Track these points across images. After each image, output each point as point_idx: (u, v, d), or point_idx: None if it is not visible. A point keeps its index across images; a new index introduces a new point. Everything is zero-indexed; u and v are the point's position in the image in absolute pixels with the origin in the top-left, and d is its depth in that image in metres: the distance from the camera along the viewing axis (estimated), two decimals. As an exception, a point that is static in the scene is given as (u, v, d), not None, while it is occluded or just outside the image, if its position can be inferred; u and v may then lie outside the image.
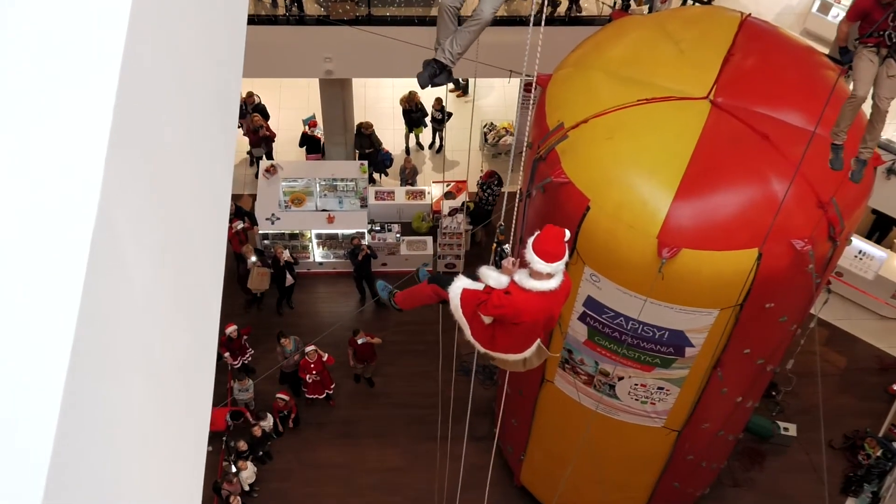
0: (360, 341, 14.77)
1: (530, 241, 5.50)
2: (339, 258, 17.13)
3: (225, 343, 14.77)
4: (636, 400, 10.55)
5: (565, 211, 9.08)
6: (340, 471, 14.63)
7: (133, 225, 2.21)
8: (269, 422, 14.57)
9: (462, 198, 17.14)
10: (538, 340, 6.06)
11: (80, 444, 1.86)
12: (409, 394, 15.57)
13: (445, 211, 16.88)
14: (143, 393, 2.40)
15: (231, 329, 14.74)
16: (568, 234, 5.58)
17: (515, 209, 6.87)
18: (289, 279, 16.04)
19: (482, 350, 6.16)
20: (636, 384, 10.32)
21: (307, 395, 15.07)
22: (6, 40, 1.93)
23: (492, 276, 5.66)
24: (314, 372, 14.61)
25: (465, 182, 17.33)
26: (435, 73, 7.61)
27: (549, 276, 5.50)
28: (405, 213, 17.48)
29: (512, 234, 6.31)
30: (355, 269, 16.23)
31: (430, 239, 17.17)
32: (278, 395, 14.65)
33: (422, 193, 17.59)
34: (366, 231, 16.64)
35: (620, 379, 10.31)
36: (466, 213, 16.64)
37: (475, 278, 6.01)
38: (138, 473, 2.40)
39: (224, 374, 14.93)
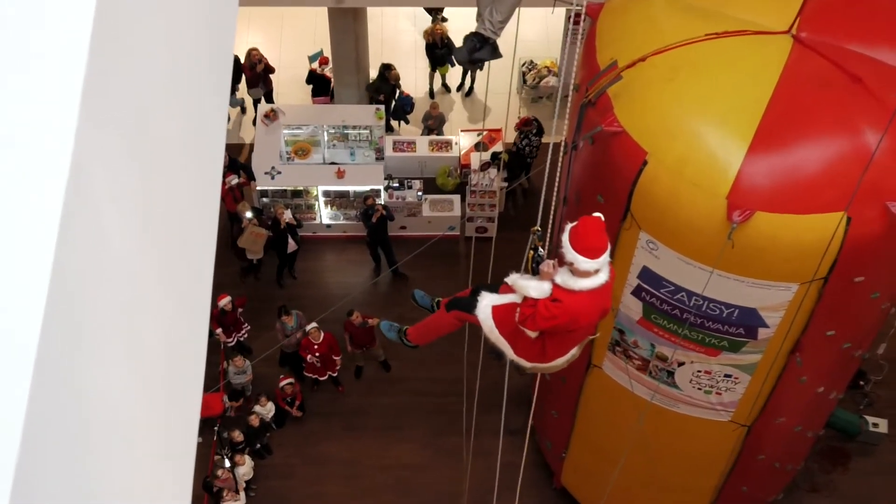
0: (358, 325, 14.85)
1: (565, 237, 5.69)
2: (351, 220, 17.18)
3: (217, 317, 14.90)
4: (699, 389, 10.55)
5: (618, 166, 9.03)
6: (349, 468, 14.80)
7: (111, 181, 2.23)
8: (267, 409, 14.73)
9: (496, 149, 17.10)
10: None
11: (51, 436, 1.89)
12: (431, 380, 15.68)
13: (476, 165, 16.85)
14: (123, 376, 2.44)
15: (224, 301, 14.87)
16: (602, 218, 5.80)
17: (560, 164, 6.84)
18: (291, 244, 16.13)
19: (529, 366, 6.39)
20: (699, 371, 10.31)
21: (305, 374, 15.22)
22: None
23: (532, 286, 5.84)
24: (317, 354, 14.73)
25: (499, 131, 17.27)
26: (475, 46, 7.90)
27: (596, 271, 5.71)
28: (428, 167, 17.47)
29: (552, 208, 6.30)
30: (369, 234, 16.29)
31: (457, 198, 17.17)
32: (283, 384, 14.80)
33: (448, 144, 17.56)
34: (382, 188, 16.66)
35: (681, 364, 10.31)
36: (501, 168, 16.60)
37: (493, 288, 6.39)
38: (118, 468, 2.44)
39: (216, 354, 15.10)
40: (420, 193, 16.90)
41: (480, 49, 7.94)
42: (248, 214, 15.72)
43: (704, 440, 11.36)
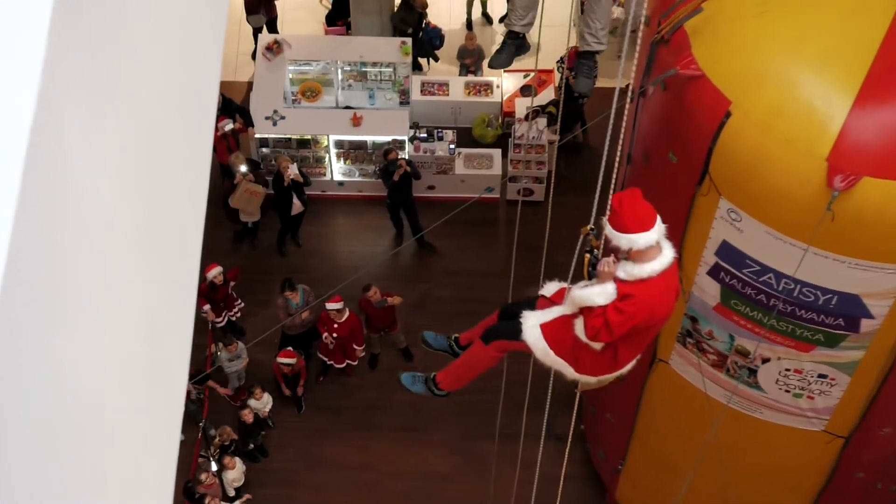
0: (375, 304, 14.88)
1: (608, 226, 6.01)
2: (368, 177, 17.22)
3: (205, 292, 15.00)
4: (786, 392, 10.53)
5: (695, 118, 8.97)
6: (360, 475, 14.92)
7: (84, 123, 2.24)
8: (263, 402, 14.84)
9: (547, 94, 17.04)
10: None
11: (11, 423, 1.92)
12: (462, 372, 15.75)
13: (522, 112, 16.81)
14: (95, 357, 2.47)
15: (214, 272, 14.94)
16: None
17: (626, 114, 6.80)
18: (296, 205, 16.19)
19: (595, 380, 6.70)
20: (788, 369, 10.28)
21: (319, 354, 15.32)
22: None
23: (595, 293, 6.08)
24: (334, 335, 14.79)
25: (550, 72, 17.21)
26: (515, 49, 9.30)
27: (660, 246, 6.02)
28: (464, 114, 17.46)
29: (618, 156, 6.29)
30: (390, 194, 16.33)
31: (497, 153, 17.16)
32: (280, 360, 14.88)
33: (488, 87, 17.52)
34: (406, 139, 16.66)
35: (765, 361, 10.29)
36: (553, 119, 16.55)
37: (530, 303, 6.75)
38: (89, 461, 2.48)
39: (203, 335, 15.22)
40: (452, 146, 16.90)
41: (522, 47, 9.63)
42: (243, 168, 15.75)
43: (791, 453, 11.34)
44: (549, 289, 7.07)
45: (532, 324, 6.60)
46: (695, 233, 9.57)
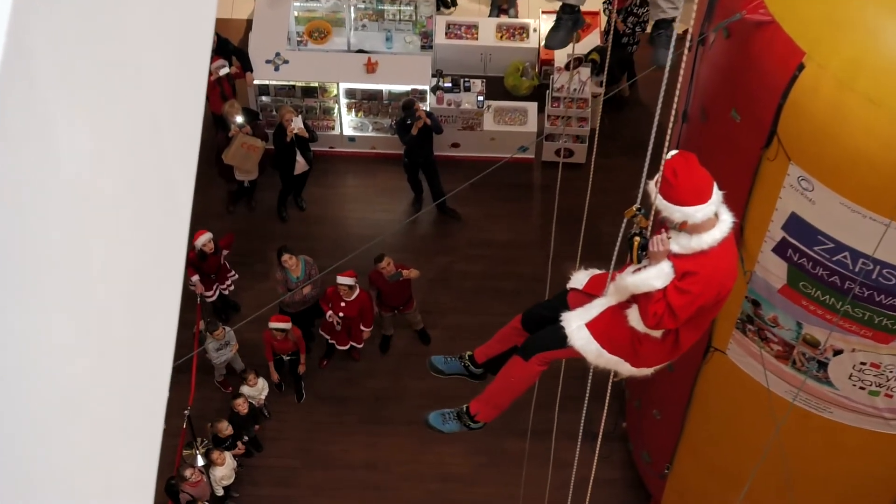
0: (389, 278, 14.88)
1: (658, 197, 6.15)
2: (383, 132, 17.22)
3: (194, 262, 15.03)
4: (861, 389, 10.51)
5: (763, 70, 8.93)
6: (368, 476, 14.99)
7: (59, 71, 2.25)
8: (258, 389, 14.87)
9: (591, 40, 16.97)
10: None
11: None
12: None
13: (562, 61, 16.76)
14: (68, 332, 2.48)
15: (204, 239, 14.93)
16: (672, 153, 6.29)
17: (682, 64, 6.77)
18: (300, 163, 16.20)
19: (652, 371, 6.90)
20: (863, 363, 10.27)
21: (321, 332, 15.42)
22: None
23: (652, 276, 6.18)
24: (340, 315, 14.82)
25: (596, 14, 17.14)
26: (572, 25, 9.52)
27: (716, 216, 6.19)
28: (495, 61, 17.42)
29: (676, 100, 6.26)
30: (407, 151, 16.34)
31: (533, 107, 17.12)
32: (272, 325, 14.64)
33: (523, 30, 17.48)
34: (428, 89, 16.64)
35: (837, 353, 10.27)
36: (597, 68, 16.50)
37: (560, 301, 6.97)
38: (62, 456, 2.50)
39: (191, 311, 15.26)
40: (481, 98, 16.87)
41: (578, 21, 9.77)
42: (240, 119, 15.75)
43: (866, 459, 11.35)
44: (580, 279, 7.13)
45: (577, 325, 6.69)
46: (759, 204, 9.53)
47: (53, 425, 2.43)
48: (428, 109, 16.20)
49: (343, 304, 14.71)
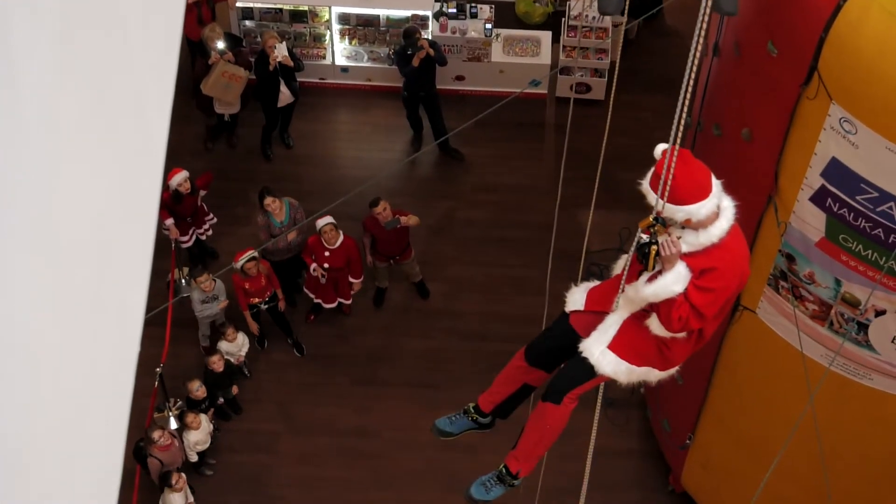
0: (385, 224, 14.84)
1: (656, 198, 6.33)
2: (380, 62, 17.17)
3: (168, 203, 15.01)
4: (905, 354, 10.56)
5: (801, 1, 8.92)
6: (359, 442, 15.06)
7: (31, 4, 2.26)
8: (237, 345, 14.88)
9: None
10: None
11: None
12: (488, 315, 15.82)
13: (579, -15, 16.72)
14: (28, 287, 2.50)
15: (179, 178, 14.91)
16: (661, 148, 6.44)
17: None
18: (284, 94, 16.18)
19: (677, 369, 7.24)
20: (908, 326, 10.31)
21: (305, 290, 15.45)
22: None
23: (669, 282, 6.42)
24: (325, 266, 14.81)
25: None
26: None
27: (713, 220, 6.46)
28: (504, -16, 17.37)
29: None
30: (407, 84, 16.33)
31: (546, 37, 17.07)
32: (239, 261, 14.08)
33: (537, -50, 17.42)
34: (430, 15, 16.58)
35: (880, 314, 10.28)
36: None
37: (561, 328, 7.18)
38: (22, 416, 2.53)
39: (164, 259, 15.23)
40: (490, 26, 16.83)
41: None
42: (221, 45, 15.72)
43: (909, 432, 11.39)
44: (577, 300, 7.27)
45: (600, 351, 6.88)
46: (797, 147, 9.53)
47: (15, 378, 2.46)
48: (430, 38, 16.16)
49: (327, 253, 14.66)
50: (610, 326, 6.91)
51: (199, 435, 14.15)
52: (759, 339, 11.34)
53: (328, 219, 14.40)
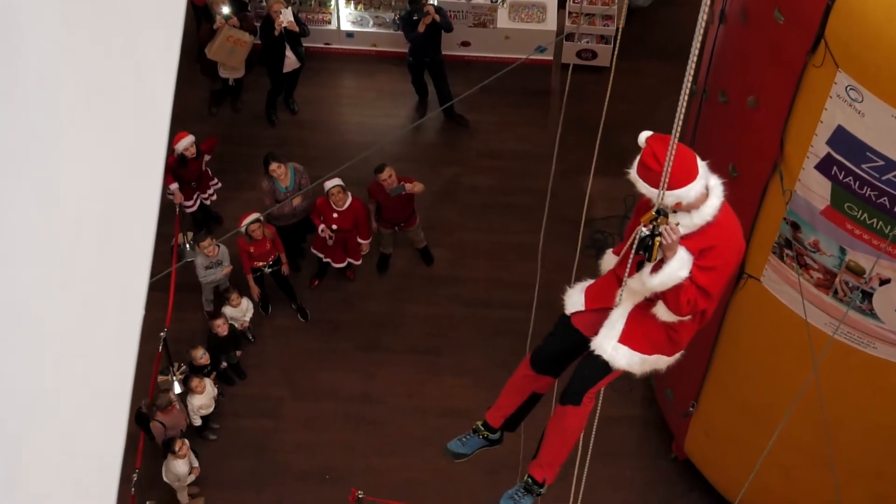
0: (390, 191, 14.80)
1: (644, 186, 6.46)
2: (385, 27, 17.13)
3: (173, 167, 15.00)
4: (909, 323, 10.56)
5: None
6: (362, 408, 15.09)
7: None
8: (241, 310, 14.90)
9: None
10: None
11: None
12: (492, 281, 15.83)
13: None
14: (36, 244, 2.51)
15: (184, 143, 14.90)
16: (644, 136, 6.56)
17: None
18: (290, 59, 16.14)
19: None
20: (912, 295, 10.31)
21: (313, 250, 15.45)
22: None
23: (674, 268, 6.50)
24: (333, 227, 14.78)
25: None
26: None
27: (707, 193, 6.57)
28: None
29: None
30: (413, 50, 16.31)
31: (552, 3, 17.01)
32: (244, 223, 14.34)
33: (544, -85, 17.34)
34: (437, -22, 16.56)
35: (884, 283, 10.28)
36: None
37: (564, 331, 7.23)
38: (26, 378, 2.53)
39: (168, 224, 15.26)
40: (495, -10, 16.81)
41: None
42: (226, 9, 15.70)
43: (913, 401, 11.39)
44: (576, 301, 7.33)
45: (612, 346, 6.96)
46: (803, 115, 9.51)
47: (19, 342, 2.47)
48: (436, 4, 16.12)
49: (335, 214, 14.66)
50: (616, 321, 6.99)
51: (204, 399, 14.18)
52: (763, 307, 11.35)
53: (337, 181, 14.39)
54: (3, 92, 2.25)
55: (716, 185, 6.56)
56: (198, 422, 14.29)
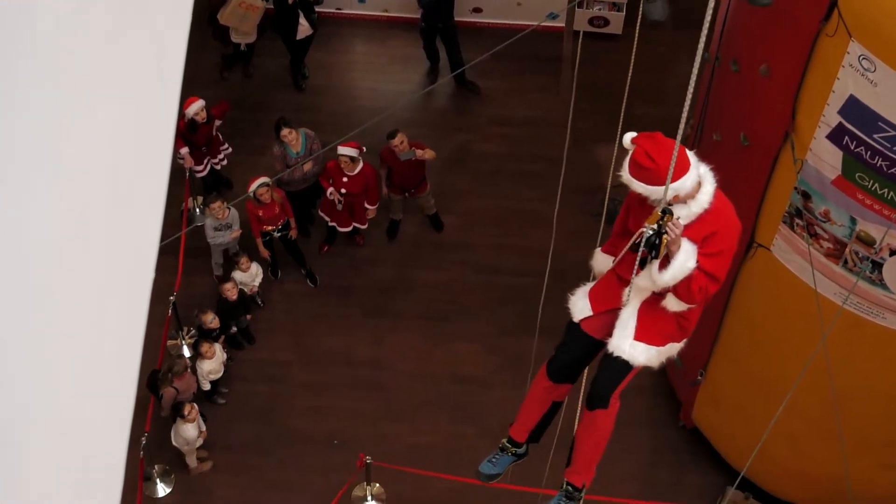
0: (401, 156, 14.84)
1: (640, 185, 6.47)
2: (396, -8, 17.11)
3: (183, 132, 15.01)
4: (919, 294, 10.54)
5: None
6: (371, 374, 15.13)
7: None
8: (250, 274, 14.91)
9: None
10: None
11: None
12: (502, 248, 15.83)
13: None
14: (40, 212, 2.50)
15: (195, 107, 14.90)
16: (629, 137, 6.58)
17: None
18: (303, 26, 16.11)
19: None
20: (922, 265, 10.29)
21: (321, 213, 15.46)
22: None
23: (682, 261, 6.59)
24: (342, 191, 14.78)
25: None
26: None
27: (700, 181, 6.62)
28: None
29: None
30: (424, 16, 16.28)
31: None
32: (253, 186, 14.38)
33: None
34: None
35: (894, 253, 10.27)
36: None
37: (575, 338, 7.29)
38: (32, 341, 2.54)
39: (178, 186, 15.27)
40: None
41: None
42: (238, -25, 15.72)
43: (921, 372, 11.38)
44: (583, 307, 7.37)
45: (629, 345, 7.06)
46: (815, 84, 9.49)
47: (27, 303, 2.47)
48: (448, -33, 16.10)
49: (345, 179, 14.66)
50: (628, 319, 7.07)
51: (213, 364, 14.20)
52: (772, 276, 11.34)
53: (347, 150, 14.38)
54: (13, 54, 2.24)
55: (706, 171, 6.63)
56: (207, 386, 14.31)
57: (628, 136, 6.53)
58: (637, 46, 9.06)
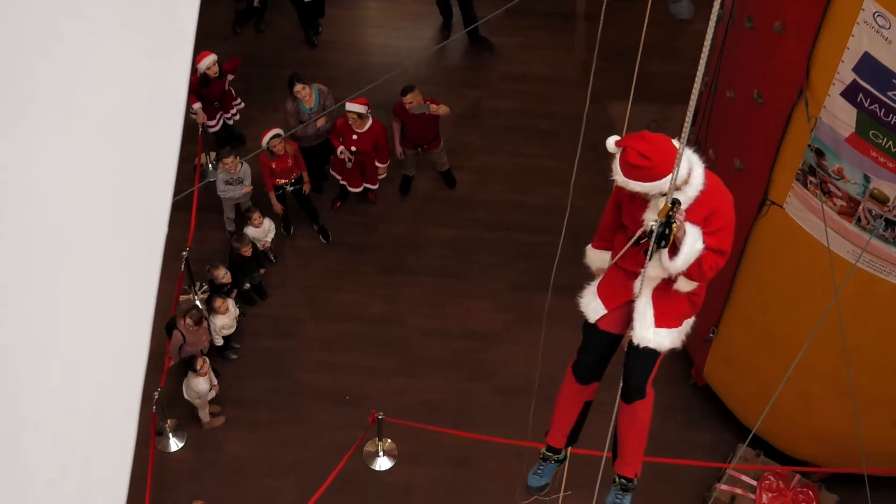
0: (414, 110, 14.77)
1: (637, 184, 6.56)
2: (410, -53, 17.05)
3: (196, 87, 15.01)
4: (932, 252, 10.53)
5: None
6: (384, 330, 15.17)
7: None
8: (263, 230, 14.92)
9: None
10: None
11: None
12: (514, 205, 15.83)
13: None
14: (52, 169, 2.50)
15: (207, 61, 14.90)
16: (613, 140, 6.67)
17: None
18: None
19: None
20: (936, 224, 10.27)
21: (332, 172, 15.45)
22: None
23: (690, 244, 6.69)
24: (352, 149, 14.77)
25: None
26: None
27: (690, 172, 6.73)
28: None
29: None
30: (437, -29, 16.21)
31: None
32: (265, 138, 14.40)
33: None
34: None
35: (907, 212, 10.27)
36: None
37: (595, 335, 7.43)
38: (45, 296, 2.54)
39: (191, 143, 15.27)
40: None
41: None
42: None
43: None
44: (597, 307, 7.47)
45: (652, 333, 7.22)
46: (829, 42, 9.46)
47: (37, 259, 2.47)
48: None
49: (355, 136, 14.65)
50: (645, 309, 7.21)
51: (226, 319, 14.25)
52: (785, 233, 11.33)
53: (361, 109, 14.36)
54: (28, 8, 2.24)
55: (691, 154, 6.73)
56: (219, 341, 14.37)
57: (611, 140, 6.63)
58: (651, 4, 9.03)
